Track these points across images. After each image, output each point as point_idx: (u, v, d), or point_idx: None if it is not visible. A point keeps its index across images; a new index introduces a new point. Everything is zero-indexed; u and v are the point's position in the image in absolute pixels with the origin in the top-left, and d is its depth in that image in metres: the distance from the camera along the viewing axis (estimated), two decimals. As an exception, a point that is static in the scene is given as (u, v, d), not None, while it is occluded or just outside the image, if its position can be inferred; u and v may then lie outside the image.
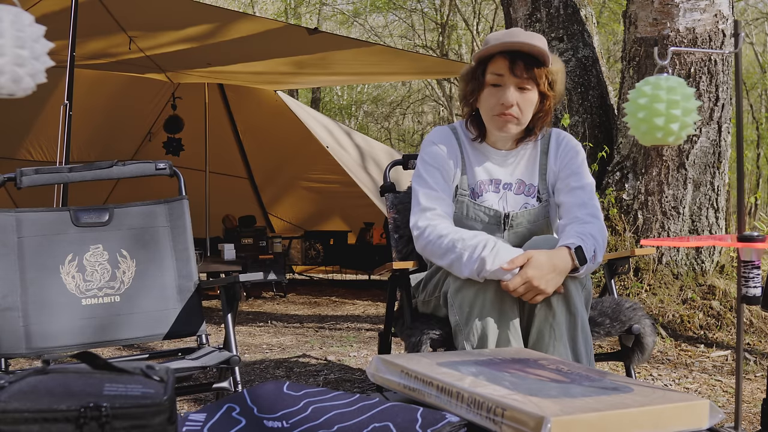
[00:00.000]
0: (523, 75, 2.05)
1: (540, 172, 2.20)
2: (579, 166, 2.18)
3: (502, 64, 2.06)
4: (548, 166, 2.20)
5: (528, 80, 2.07)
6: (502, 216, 2.13)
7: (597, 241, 2.00)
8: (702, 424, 1.35)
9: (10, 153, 7.01)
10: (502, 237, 2.12)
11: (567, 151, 2.21)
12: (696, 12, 4.18)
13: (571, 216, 2.10)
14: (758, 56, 17.29)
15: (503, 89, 2.07)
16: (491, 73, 2.08)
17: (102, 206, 2.43)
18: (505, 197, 2.16)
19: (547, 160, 2.20)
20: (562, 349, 1.87)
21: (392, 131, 21.36)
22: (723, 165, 4.30)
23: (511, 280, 1.87)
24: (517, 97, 2.07)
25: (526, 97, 2.09)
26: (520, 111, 2.08)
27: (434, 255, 2.03)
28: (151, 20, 5.20)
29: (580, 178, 2.16)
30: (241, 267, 6.13)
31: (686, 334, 3.89)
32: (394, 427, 1.38)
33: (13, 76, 1.26)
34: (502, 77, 2.06)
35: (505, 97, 2.06)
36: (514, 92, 2.07)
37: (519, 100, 2.08)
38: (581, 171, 2.17)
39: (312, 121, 7.38)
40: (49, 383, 1.21)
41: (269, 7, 17.86)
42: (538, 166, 2.20)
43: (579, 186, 2.15)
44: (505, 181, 2.17)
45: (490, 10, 15.85)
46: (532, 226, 2.16)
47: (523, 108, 2.09)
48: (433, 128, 2.31)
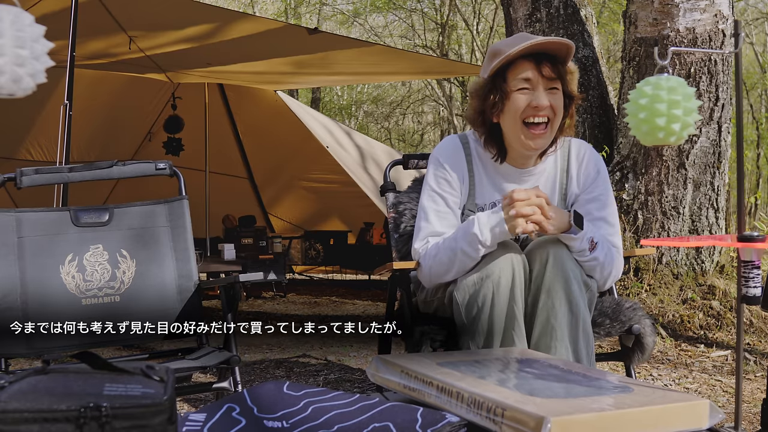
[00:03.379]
0: (551, 74, 1.94)
1: (560, 192, 2.11)
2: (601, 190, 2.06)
3: (528, 67, 1.94)
4: (569, 186, 2.10)
5: (556, 80, 1.96)
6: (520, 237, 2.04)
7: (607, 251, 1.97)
8: (702, 424, 1.35)
9: (10, 153, 7.01)
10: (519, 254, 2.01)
11: (588, 170, 2.09)
12: (696, 12, 4.18)
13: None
14: (758, 56, 17.29)
15: (533, 92, 1.94)
16: (516, 79, 1.95)
17: (102, 206, 2.42)
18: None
19: (567, 179, 2.10)
20: (563, 350, 1.87)
21: (392, 131, 21.35)
22: (723, 165, 4.30)
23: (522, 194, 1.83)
24: (550, 99, 1.95)
25: (558, 98, 1.97)
26: (553, 113, 1.96)
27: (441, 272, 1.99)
28: (151, 20, 5.20)
29: (602, 205, 2.05)
30: (241, 267, 6.12)
31: (686, 334, 3.89)
32: (394, 427, 1.38)
33: (13, 76, 1.26)
34: (530, 80, 1.94)
35: (539, 99, 1.93)
36: (545, 94, 1.94)
37: (552, 102, 1.96)
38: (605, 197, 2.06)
39: (312, 121, 7.37)
40: (49, 383, 1.21)
41: (269, 7, 17.86)
42: (557, 186, 2.11)
43: (601, 217, 2.05)
44: None
45: (490, 10, 15.84)
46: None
47: (557, 110, 1.97)
48: (443, 140, 2.18)
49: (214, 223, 7.39)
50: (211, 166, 7.39)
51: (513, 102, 1.96)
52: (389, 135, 20.98)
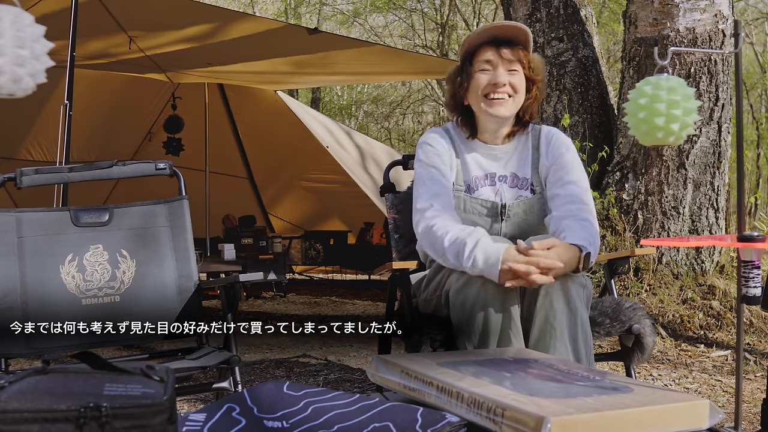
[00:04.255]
0: (510, 57, 2.15)
1: (533, 165, 2.24)
2: (570, 160, 2.22)
3: (490, 49, 2.16)
4: (540, 160, 2.25)
5: (516, 62, 2.16)
6: (499, 207, 2.18)
7: (595, 247, 2.03)
8: (702, 424, 1.35)
9: (10, 153, 7.01)
10: (499, 227, 2.16)
11: (557, 146, 2.25)
12: (696, 12, 4.18)
13: (564, 210, 2.12)
14: (758, 56, 17.28)
15: (494, 72, 2.15)
16: (479, 61, 2.17)
17: (102, 206, 2.42)
18: (501, 189, 2.21)
19: (539, 155, 2.25)
20: (563, 349, 1.87)
21: (392, 131, 21.35)
22: (723, 165, 4.30)
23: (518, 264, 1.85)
24: (509, 78, 2.16)
25: (517, 78, 2.17)
26: (513, 89, 2.16)
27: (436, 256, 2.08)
28: (151, 20, 5.20)
29: (571, 171, 2.19)
30: (241, 267, 6.12)
31: (686, 334, 3.89)
32: (394, 427, 1.38)
33: (13, 76, 1.26)
34: (491, 62, 2.16)
35: (498, 77, 2.14)
36: (504, 73, 2.15)
37: (510, 80, 2.16)
38: (573, 165, 2.21)
39: (312, 121, 7.38)
40: (49, 383, 1.21)
41: (269, 7, 17.86)
42: (530, 160, 2.25)
43: (571, 180, 2.18)
44: (500, 174, 2.22)
45: (490, 10, 15.85)
46: (528, 216, 2.20)
47: (516, 86, 2.17)
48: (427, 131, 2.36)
49: (214, 223, 7.39)
50: (211, 166, 7.39)
51: (476, 80, 2.18)
52: (389, 135, 20.98)
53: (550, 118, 4.75)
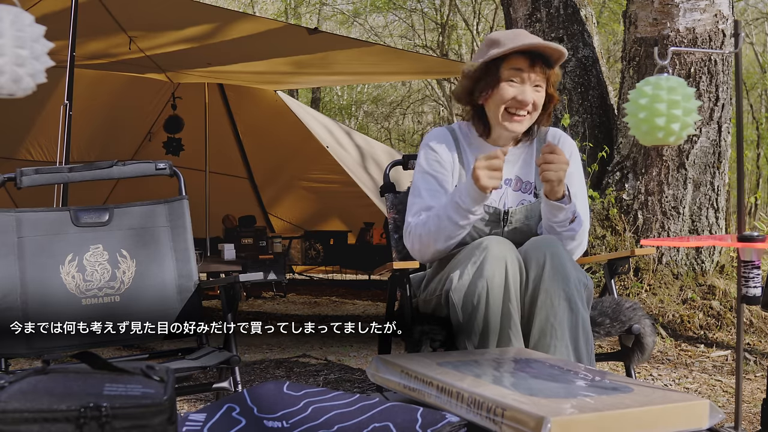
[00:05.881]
0: (541, 75, 2.11)
1: (536, 169, 2.22)
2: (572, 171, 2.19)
3: (523, 62, 2.10)
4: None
5: (543, 80, 2.13)
6: (501, 213, 2.17)
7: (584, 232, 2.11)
8: (702, 424, 1.35)
9: (10, 153, 7.00)
10: (500, 233, 2.16)
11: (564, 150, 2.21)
12: (696, 12, 4.18)
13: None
14: (758, 56, 17.28)
15: (521, 87, 2.10)
16: (508, 70, 2.11)
17: (102, 206, 2.42)
18: (506, 193, 2.20)
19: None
20: (564, 349, 1.87)
21: (392, 131, 21.34)
22: (723, 165, 4.30)
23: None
24: (534, 96, 2.12)
25: (540, 96, 2.14)
26: (534, 107, 2.14)
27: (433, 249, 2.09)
28: (151, 20, 5.19)
29: (571, 184, 2.17)
30: (241, 267, 6.12)
31: (686, 334, 3.89)
32: (394, 427, 1.38)
33: (13, 76, 1.26)
34: (521, 73, 2.10)
35: (525, 95, 2.10)
36: (531, 90, 2.11)
37: (534, 98, 2.13)
38: (573, 175, 2.19)
39: (312, 121, 7.37)
40: (49, 383, 1.21)
41: (269, 7, 17.85)
42: (534, 164, 2.24)
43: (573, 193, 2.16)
44: (505, 177, 2.20)
45: (490, 10, 15.84)
46: (530, 222, 2.19)
47: (538, 106, 2.15)
48: (432, 129, 2.34)
49: (214, 223, 7.39)
50: (211, 166, 7.39)
51: (501, 90, 2.12)
52: (389, 135, 20.97)
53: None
